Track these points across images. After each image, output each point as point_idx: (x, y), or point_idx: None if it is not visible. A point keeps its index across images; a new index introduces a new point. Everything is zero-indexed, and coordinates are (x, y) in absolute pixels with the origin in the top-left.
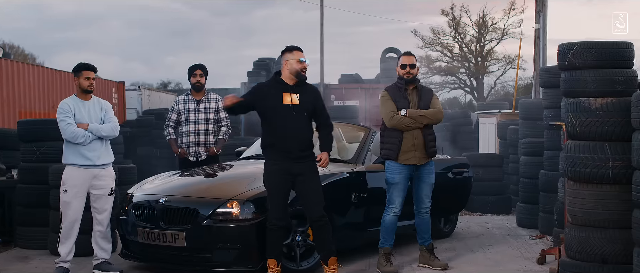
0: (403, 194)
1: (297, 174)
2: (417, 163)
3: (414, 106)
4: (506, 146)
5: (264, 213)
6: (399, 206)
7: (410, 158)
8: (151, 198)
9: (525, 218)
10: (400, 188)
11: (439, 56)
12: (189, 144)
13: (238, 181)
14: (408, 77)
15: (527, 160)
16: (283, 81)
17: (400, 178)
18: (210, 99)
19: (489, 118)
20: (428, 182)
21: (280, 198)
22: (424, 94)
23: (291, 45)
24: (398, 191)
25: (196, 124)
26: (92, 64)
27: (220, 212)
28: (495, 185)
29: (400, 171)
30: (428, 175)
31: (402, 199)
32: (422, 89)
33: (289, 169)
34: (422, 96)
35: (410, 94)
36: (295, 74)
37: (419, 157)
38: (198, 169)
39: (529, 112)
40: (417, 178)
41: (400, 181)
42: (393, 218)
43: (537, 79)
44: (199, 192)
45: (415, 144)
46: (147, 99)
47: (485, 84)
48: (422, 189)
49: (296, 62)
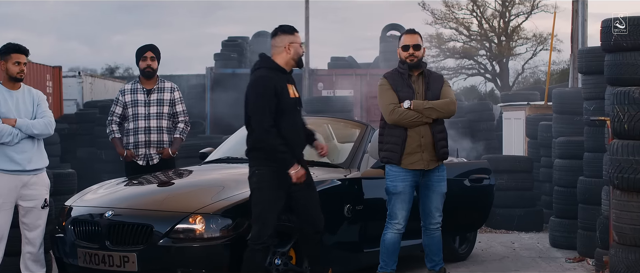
0: (407, 206)
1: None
2: (425, 167)
3: (420, 97)
4: (537, 147)
5: (235, 229)
6: (403, 221)
7: (416, 161)
8: (94, 212)
9: (560, 237)
10: (404, 198)
11: (453, 35)
12: (137, 144)
13: (202, 191)
14: (412, 61)
15: (562, 164)
16: (284, 70)
17: (403, 187)
18: (164, 88)
19: (515, 111)
20: (438, 191)
21: (277, 212)
22: (433, 81)
23: (288, 25)
24: (401, 202)
25: (146, 119)
26: (22, 45)
27: (180, 229)
28: (523, 195)
29: (403, 178)
30: (438, 183)
31: (407, 213)
32: (430, 76)
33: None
34: (430, 83)
35: (415, 81)
36: (298, 60)
37: (427, 160)
38: (151, 176)
39: (564, 104)
40: (425, 187)
41: (404, 191)
42: (395, 236)
43: (575, 63)
44: (154, 204)
45: (423, 145)
46: (89, 88)
47: (511, 70)
48: (431, 200)
49: (300, 46)
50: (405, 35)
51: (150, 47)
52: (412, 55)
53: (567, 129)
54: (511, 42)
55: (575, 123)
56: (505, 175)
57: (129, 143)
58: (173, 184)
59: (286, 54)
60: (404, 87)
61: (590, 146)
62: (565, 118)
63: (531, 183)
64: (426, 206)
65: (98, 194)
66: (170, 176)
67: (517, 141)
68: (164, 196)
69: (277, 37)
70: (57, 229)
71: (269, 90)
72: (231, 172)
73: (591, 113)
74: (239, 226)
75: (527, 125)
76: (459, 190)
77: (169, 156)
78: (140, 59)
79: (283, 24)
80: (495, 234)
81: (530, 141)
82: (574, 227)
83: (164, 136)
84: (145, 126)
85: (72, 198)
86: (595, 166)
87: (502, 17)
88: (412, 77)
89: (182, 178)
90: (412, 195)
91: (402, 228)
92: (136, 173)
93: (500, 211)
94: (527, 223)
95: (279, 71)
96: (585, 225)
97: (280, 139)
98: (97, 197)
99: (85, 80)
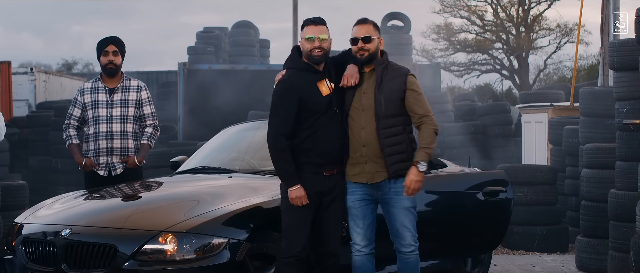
0: (362, 223)
1: (327, 194)
2: (368, 181)
3: (369, 97)
4: (561, 155)
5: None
6: (362, 242)
7: (359, 173)
8: (49, 230)
9: (588, 259)
10: (356, 215)
11: (464, 25)
12: (98, 151)
13: (174, 206)
14: (362, 56)
15: (591, 175)
16: (314, 68)
17: (353, 201)
18: (130, 87)
19: (537, 113)
20: (399, 206)
21: (305, 226)
22: (390, 79)
23: (309, 17)
24: (354, 219)
25: (108, 123)
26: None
27: (148, 250)
28: (545, 210)
29: (352, 191)
30: (396, 195)
31: (364, 231)
32: (385, 71)
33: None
34: (383, 79)
35: (368, 79)
36: (310, 58)
37: (371, 172)
38: (114, 189)
39: (593, 105)
40: (384, 202)
41: (354, 206)
42: (360, 259)
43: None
44: (119, 221)
45: (365, 152)
46: (43, 86)
47: (531, 66)
48: (393, 217)
49: (307, 41)
50: (356, 26)
51: (113, 39)
52: (362, 49)
53: (597, 134)
54: (532, 34)
55: (605, 127)
56: (524, 187)
57: (88, 150)
58: (140, 198)
59: (304, 51)
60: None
61: (623, 154)
62: (594, 122)
63: (555, 196)
64: (391, 225)
65: (53, 209)
66: (137, 189)
67: (538, 148)
68: (129, 212)
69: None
70: (5, 250)
71: (289, 96)
72: (207, 184)
73: (624, 115)
74: (215, 247)
75: (550, 130)
76: (470, 205)
77: (135, 166)
78: (101, 53)
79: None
80: (513, 256)
81: (554, 148)
82: (604, 248)
83: (128, 142)
84: (107, 131)
85: (23, 214)
86: (628, 177)
87: (521, 4)
88: (364, 75)
89: (151, 190)
90: (367, 211)
91: (365, 250)
92: (97, 185)
93: (519, 229)
94: (550, 242)
95: (308, 71)
96: (617, 245)
97: (288, 152)
98: (52, 213)
99: (39, 77)
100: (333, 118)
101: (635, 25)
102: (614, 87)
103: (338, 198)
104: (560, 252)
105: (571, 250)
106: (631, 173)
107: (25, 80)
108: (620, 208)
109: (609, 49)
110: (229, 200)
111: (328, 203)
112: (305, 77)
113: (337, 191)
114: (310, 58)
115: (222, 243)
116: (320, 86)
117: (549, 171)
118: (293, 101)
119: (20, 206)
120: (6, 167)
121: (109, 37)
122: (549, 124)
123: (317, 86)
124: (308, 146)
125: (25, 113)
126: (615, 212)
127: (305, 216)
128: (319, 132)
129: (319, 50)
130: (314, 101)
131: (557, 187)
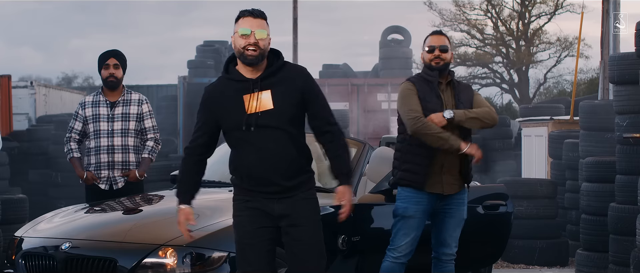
0: (414, 234)
1: (280, 216)
2: (443, 191)
3: (452, 108)
4: (561, 169)
5: (211, 264)
6: (405, 250)
7: (435, 183)
8: (49, 244)
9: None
10: (412, 225)
11: (464, 39)
12: (99, 165)
13: (174, 219)
14: (437, 64)
15: (591, 188)
16: (243, 77)
17: (415, 211)
18: (131, 101)
19: (537, 127)
20: (458, 218)
21: (255, 253)
22: (462, 91)
23: (246, 8)
24: (407, 228)
25: (110, 137)
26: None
27: (148, 263)
28: (545, 224)
29: (418, 200)
30: (459, 207)
31: (412, 241)
32: (458, 85)
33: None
34: (459, 94)
35: (444, 91)
36: (242, 58)
37: (449, 183)
38: (115, 203)
39: (594, 119)
40: (443, 213)
41: (415, 215)
42: (393, 266)
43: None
44: (118, 235)
45: (445, 165)
46: (43, 100)
47: (531, 79)
48: (447, 228)
49: (240, 37)
50: (432, 36)
51: (114, 53)
52: (438, 57)
53: (597, 148)
54: (532, 48)
55: (605, 140)
56: (525, 201)
57: (90, 163)
58: (141, 211)
59: (235, 49)
60: (432, 97)
61: (623, 167)
62: (594, 135)
63: (555, 210)
64: (441, 234)
65: (53, 223)
66: (138, 203)
67: (538, 162)
68: (129, 226)
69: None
70: (5, 264)
71: (203, 106)
72: (207, 197)
73: (624, 129)
74: (215, 261)
75: (550, 143)
76: (471, 218)
77: (136, 179)
78: (102, 67)
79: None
80: (513, 270)
81: (554, 161)
82: (604, 261)
83: (130, 155)
84: (108, 145)
85: (23, 227)
86: (629, 191)
87: (521, 18)
88: (441, 85)
89: (151, 204)
90: (423, 222)
91: (403, 259)
92: (98, 199)
93: (519, 243)
94: (551, 256)
95: (236, 80)
96: (617, 259)
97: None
98: (52, 227)
99: (39, 91)
100: (248, 138)
101: (635, 39)
102: (614, 101)
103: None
104: (561, 266)
105: (571, 264)
106: (631, 186)
107: (25, 94)
108: (621, 222)
109: (609, 62)
110: (229, 213)
111: (286, 228)
112: (229, 87)
113: (296, 216)
114: (243, 58)
115: (222, 256)
116: (247, 99)
117: (549, 184)
118: (206, 112)
119: (20, 220)
120: (6, 181)
121: (111, 50)
122: (549, 138)
123: (242, 99)
124: (234, 165)
125: (25, 127)
126: (615, 226)
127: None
128: (238, 150)
129: (253, 49)
130: (226, 117)
131: (557, 201)
